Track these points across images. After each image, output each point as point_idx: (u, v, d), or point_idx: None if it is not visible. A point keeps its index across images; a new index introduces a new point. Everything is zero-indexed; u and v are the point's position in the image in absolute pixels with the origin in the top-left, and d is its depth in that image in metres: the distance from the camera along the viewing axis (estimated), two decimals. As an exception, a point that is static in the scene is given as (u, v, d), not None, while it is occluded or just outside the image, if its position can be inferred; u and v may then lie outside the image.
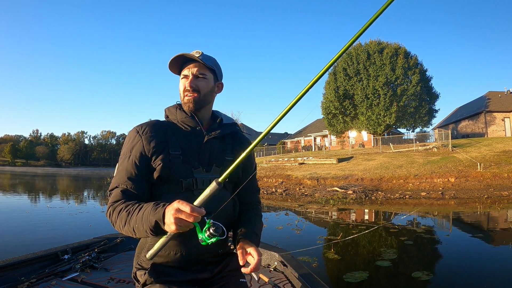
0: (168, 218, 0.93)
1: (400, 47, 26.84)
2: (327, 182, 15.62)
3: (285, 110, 0.88)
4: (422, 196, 12.25)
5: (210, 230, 0.94)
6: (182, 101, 1.28)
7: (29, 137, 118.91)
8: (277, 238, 5.99)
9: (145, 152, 1.18)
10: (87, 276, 2.13)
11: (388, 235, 6.53)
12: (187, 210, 0.90)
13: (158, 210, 0.97)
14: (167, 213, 0.94)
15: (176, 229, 0.93)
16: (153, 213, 0.98)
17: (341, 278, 4.04)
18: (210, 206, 0.98)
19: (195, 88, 1.24)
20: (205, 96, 1.27)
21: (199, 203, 0.94)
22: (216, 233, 0.94)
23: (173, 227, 0.92)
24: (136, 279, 1.20)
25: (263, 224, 1.46)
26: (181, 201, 0.93)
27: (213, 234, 0.94)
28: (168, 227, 0.95)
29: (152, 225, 0.98)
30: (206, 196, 0.94)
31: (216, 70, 1.30)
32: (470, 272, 4.40)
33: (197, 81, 1.25)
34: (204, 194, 0.95)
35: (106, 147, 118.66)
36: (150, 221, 0.98)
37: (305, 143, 43.44)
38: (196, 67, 1.25)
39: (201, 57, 1.23)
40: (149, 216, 0.99)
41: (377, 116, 26.23)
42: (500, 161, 15.21)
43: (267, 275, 2.13)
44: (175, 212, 0.91)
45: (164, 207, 0.97)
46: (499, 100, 31.81)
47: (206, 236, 0.95)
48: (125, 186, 1.14)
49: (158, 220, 0.96)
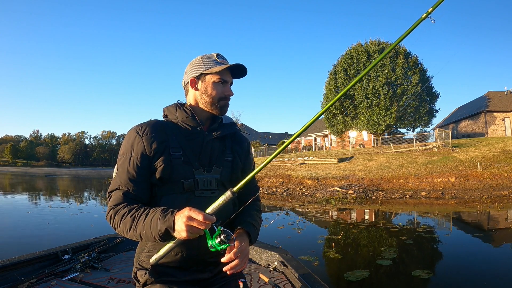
0: (179, 225, 0.94)
1: (400, 47, 26.80)
2: (328, 182, 15.62)
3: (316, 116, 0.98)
4: (422, 196, 12.25)
5: (221, 237, 0.95)
6: (214, 105, 1.27)
7: (30, 137, 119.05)
8: (278, 237, 5.98)
9: (146, 153, 1.17)
10: (87, 276, 2.13)
11: (389, 234, 6.53)
12: (199, 218, 0.92)
13: (167, 217, 0.97)
14: (178, 221, 0.94)
15: (187, 236, 0.94)
16: (163, 220, 0.98)
17: (342, 276, 4.05)
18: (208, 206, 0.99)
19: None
20: None
21: (212, 211, 0.96)
22: (226, 240, 0.95)
23: (184, 234, 0.93)
24: (137, 279, 1.20)
25: (263, 223, 1.46)
26: (192, 208, 0.94)
27: (223, 241, 0.95)
28: (179, 234, 0.96)
29: (162, 232, 0.98)
30: (220, 205, 0.96)
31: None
32: (470, 271, 4.40)
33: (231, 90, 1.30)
34: (218, 202, 0.97)
35: (106, 147, 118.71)
36: (160, 228, 0.98)
37: (305, 143, 43.43)
38: (230, 75, 1.28)
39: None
40: (158, 223, 0.99)
41: (378, 116, 26.22)
42: (500, 161, 15.20)
43: (267, 275, 2.13)
44: (187, 219, 0.92)
45: (173, 214, 0.97)
46: (499, 100, 31.79)
47: (216, 242, 0.96)
48: (126, 188, 1.13)
49: (168, 227, 0.97)
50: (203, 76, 1.25)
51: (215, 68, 1.23)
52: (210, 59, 1.25)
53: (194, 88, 1.28)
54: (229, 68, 1.25)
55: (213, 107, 1.27)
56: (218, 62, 1.24)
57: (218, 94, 1.25)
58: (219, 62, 1.24)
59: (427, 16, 0.89)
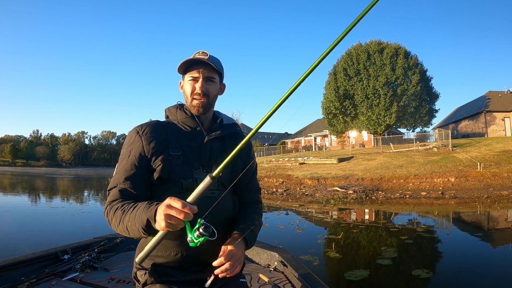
0: (159, 214, 0.90)
1: (400, 47, 26.82)
2: (328, 182, 15.62)
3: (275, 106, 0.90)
4: (422, 196, 12.25)
5: (200, 230, 0.89)
6: (189, 104, 1.26)
7: (30, 137, 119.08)
8: (279, 237, 5.99)
9: (144, 152, 1.17)
10: (87, 276, 2.13)
11: (389, 234, 6.53)
12: (178, 206, 0.86)
13: (151, 208, 0.95)
14: (159, 210, 0.91)
15: (166, 226, 0.88)
16: (146, 211, 0.95)
17: (343, 276, 4.06)
18: (207, 207, 0.96)
19: (205, 93, 1.22)
20: (213, 100, 1.27)
21: (193, 199, 0.89)
22: (206, 233, 0.89)
23: (163, 223, 0.88)
24: (137, 279, 1.20)
25: (263, 223, 1.46)
26: (172, 197, 0.89)
27: (202, 234, 0.89)
28: (158, 224, 0.90)
29: (144, 223, 0.95)
30: (200, 191, 0.89)
31: (222, 73, 1.29)
32: (469, 271, 4.40)
33: (207, 85, 1.23)
34: (198, 190, 0.89)
35: (106, 147, 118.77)
36: (142, 220, 0.96)
37: (305, 143, 43.43)
38: (205, 70, 1.22)
39: (210, 59, 1.20)
40: (141, 215, 0.96)
41: (377, 116, 26.21)
42: (500, 160, 15.20)
43: (267, 275, 2.13)
44: (165, 208, 0.88)
45: (157, 205, 0.94)
46: (499, 100, 31.79)
47: (195, 236, 0.90)
48: (123, 186, 1.14)
49: (149, 218, 0.94)
50: (183, 78, 1.27)
51: (179, 65, 1.22)
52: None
53: (182, 90, 1.29)
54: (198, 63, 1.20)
55: (189, 106, 1.26)
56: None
57: (189, 92, 1.23)
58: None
59: None
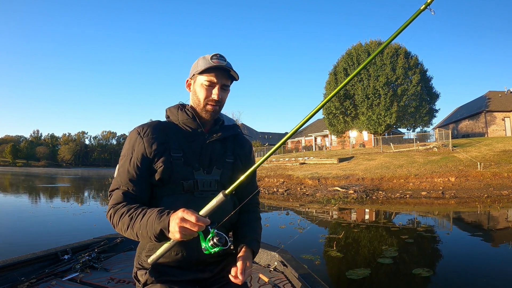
0: (172, 226, 0.94)
1: (401, 47, 26.83)
2: (328, 182, 15.61)
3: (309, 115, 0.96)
4: (422, 196, 12.24)
5: (214, 240, 0.95)
6: (201, 107, 1.24)
7: (30, 137, 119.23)
8: (280, 237, 6.00)
9: (146, 154, 1.17)
10: (87, 276, 2.13)
11: (389, 234, 6.53)
12: (192, 219, 0.91)
13: (163, 218, 0.98)
14: (172, 222, 0.95)
15: (180, 238, 0.94)
16: (158, 221, 0.98)
17: (344, 275, 4.07)
18: (213, 213, 0.98)
19: (219, 100, 1.22)
20: (223, 106, 1.28)
21: (205, 213, 0.95)
22: (219, 243, 0.95)
23: (178, 235, 0.93)
24: (137, 279, 1.20)
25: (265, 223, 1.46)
26: (186, 210, 0.94)
27: (216, 244, 0.95)
28: (173, 235, 0.96)
29: (157, 232, 0.99)
30: (212, 207, 0.95)
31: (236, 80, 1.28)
32: (469, 270, 4.40)
33: (222, 92, 1.22)
34: (211, 205, 0.96)
35: (106, 147, 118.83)
36: (155, 229, 0.99)
37: (305, 143, 43.42)
38: (224, 77, 1.21)
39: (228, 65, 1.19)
40: (153, 224, 0.99)
41: (378, 116, 26.21)
42: (500, 160, 15.20)
43: (267, 275, 2.13)
44: (180, 221, 0.92)
45: (169, 215, 0.97)
46: (499, 99, 31.77)
47: (209, 245, 0.96)
48: (126, 188, 1.14)
49: (163, 228, 0.97)
50: (194, 77, 1.25)
51: (200, 67, 1.20)
52: (205, 60, 1.21)
53: (189, 89, 1.28)
54: (218, 69, 1.18)
55: (200, 110, 1.25)
56: (209, 63, 1.18)
57: (203, 97, 1.21)
58: (209, 63, 1.18)
59: (426, 7, 0.82)
